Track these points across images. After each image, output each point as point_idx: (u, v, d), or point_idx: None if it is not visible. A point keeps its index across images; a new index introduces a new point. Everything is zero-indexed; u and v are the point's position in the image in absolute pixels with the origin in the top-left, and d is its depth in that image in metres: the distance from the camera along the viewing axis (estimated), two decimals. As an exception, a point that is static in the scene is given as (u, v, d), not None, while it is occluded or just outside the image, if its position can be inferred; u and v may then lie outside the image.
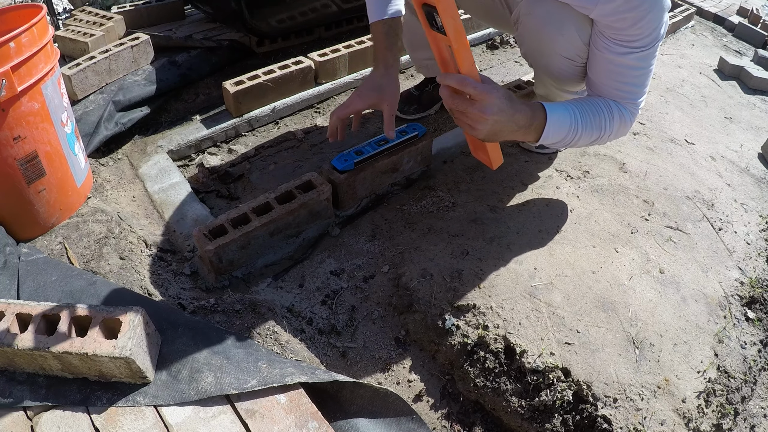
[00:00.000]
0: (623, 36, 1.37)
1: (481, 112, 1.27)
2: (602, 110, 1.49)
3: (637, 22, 1.32)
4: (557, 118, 1.41)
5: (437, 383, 1.39)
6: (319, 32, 2.80)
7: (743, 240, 1.85)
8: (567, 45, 1.50)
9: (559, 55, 1.54)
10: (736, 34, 4.01)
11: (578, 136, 1.47)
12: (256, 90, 2.23)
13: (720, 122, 2.60)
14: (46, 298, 1.31)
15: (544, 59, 1.62)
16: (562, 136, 1.45)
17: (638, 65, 1.43)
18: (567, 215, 1.75)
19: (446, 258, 1.55)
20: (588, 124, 1.46)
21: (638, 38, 1.36)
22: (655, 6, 1.30)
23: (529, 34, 1.58)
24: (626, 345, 1.38)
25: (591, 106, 1.49)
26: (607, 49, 1.43)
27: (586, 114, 1.47)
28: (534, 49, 1.63)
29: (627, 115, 1.52)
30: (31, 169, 1.49)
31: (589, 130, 1.47)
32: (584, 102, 1.50)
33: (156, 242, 1.68)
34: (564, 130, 1.44)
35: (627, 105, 1.51)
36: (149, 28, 2.65)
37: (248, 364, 1.17)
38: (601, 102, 1.51)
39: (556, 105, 1.45)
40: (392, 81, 1.60)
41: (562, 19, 1.44)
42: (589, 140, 1.52)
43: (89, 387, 1.13)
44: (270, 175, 2.04)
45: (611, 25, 1.37)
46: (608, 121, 1.49)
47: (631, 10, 1.30)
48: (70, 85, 2.03)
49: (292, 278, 1.56)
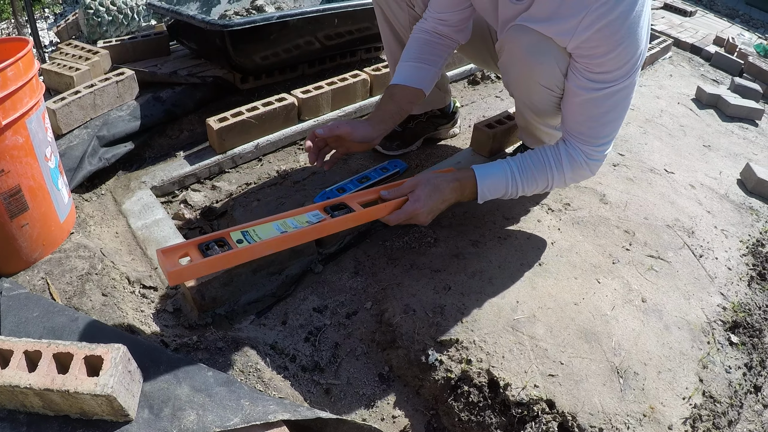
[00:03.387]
0: (594, 66, 1.41)
1: (418, 212, 1.52)
2: (547, 161, 1.59)
3: (608, 53, 1.35)
4: (490, 181, 1.60)
5: (422, 418, 1.38)
6: (303, 69, 2.83)
7: (724, 266, 1.87)
8: (546, 74, 1.53)
9: (538, 84, 1.58)
10: (713, 63, 4.10)
11: (519, 190, 1.62)
12: (240, 127, 2.24)
13: (699, 150, 2.64)
14: (27, 333, 1.29)
15: (524, 88, 1.66)
16: (500, 193, 1.62)
17: (604, 102, 1.46)
18: (548, 248, 1.76)
19: (429, 293, 1.56)
20: (528, 178, 1.61)
21: (609, 71, 1.39)
22: (629, 39, 1.33)
23: (511, 62, 1.62)
24: (610, 374, 1.39)
25: (533, 160, 1.60)
26: (576, 79, 1.47)
27: (527, 169, 1.60)
28: (515, 77, 1.67)
29: (580, 160, 1.57)
30: (14, 204, 1.48)
31: (531, 184, 1.61)
32: (527, 156, 1.62)
33: (139, 279, 1.67)
34: (500, 189, 1.61)
35: (584, 147, 1.56)
36: (134, 63, 2.66)
37: (231, 402, 1.16)
38: (549, 152, 1.60)
39: (491, 166, 1.62)
40: (364, 123, 1.72)
41: (543, 48, 1.47)
42: (535, 191, 1.66)
43: (71, 425, 1.11)
44: (253, 212, 2.04)
45: (583, 54, 1.41)
46: (555, 171, 1.59)
47: (604, 38, 1.33)
48: (54, 119, 2.03)
49: (275, 315, 1.56)
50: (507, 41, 1.57)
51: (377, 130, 1.72)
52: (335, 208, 1.53)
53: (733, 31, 5.30)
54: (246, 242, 1.36)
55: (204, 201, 2.10)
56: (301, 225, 1.45)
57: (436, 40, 1.80)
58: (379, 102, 1.81)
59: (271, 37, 2.44)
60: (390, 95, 1.78)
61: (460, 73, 3.20)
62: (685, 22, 5.13)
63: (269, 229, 1.43)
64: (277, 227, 1.43)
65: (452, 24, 1.77)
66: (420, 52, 1.79)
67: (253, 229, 1.42)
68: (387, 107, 1.76)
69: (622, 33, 1.31)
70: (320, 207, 1.54)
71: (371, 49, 3.09)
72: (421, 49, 1.80)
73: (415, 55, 1.79)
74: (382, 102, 1.79)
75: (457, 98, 2.70)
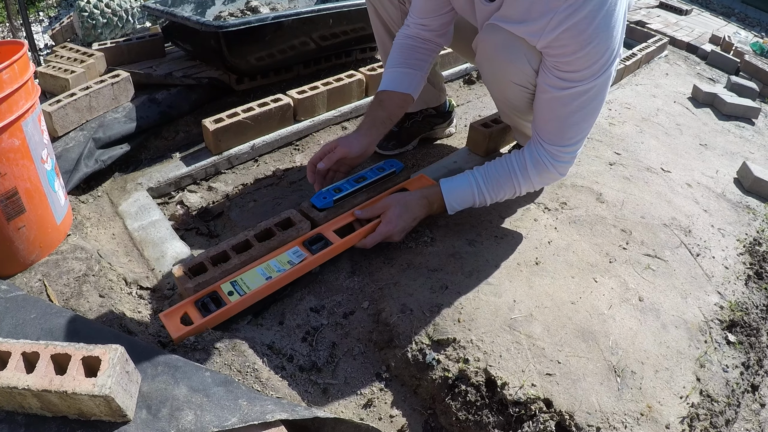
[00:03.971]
0: (562, 65, 1.42)
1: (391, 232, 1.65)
2: (511, 168, 1.64)
3: (576, 52, 1.37)
4: (456, 193, 1.68)
5: (419, 418, 1.38)
6: (298, 70, 2.83)
7: (721, 264, 1.87)
8: (518, 72, 1.55)
9: (511, 82, 1.60)
10: (709, 61, 4.10)
11: (488, 198, 1.69)
12: (236, 127, 2.24)
13: (695, 149, 2.64)
14: (25, 335, 1.29)
15: (498, 86, 1.70)
16: (468, 203, 1.71)
17: (572, 102, 1.47)
18: (545, 247, 1.76)
19: (426, 293, 1.56)
20: (494, 186, 1.67)
21: (576, 70, 1.41)
22: (597, 39, 1.34)
23: (484, 61, 1.65)
24: (608, 373, 1.39)
25: (498, 168, 1.66)
26: (545, 77, 1.49)
27: (491, 177, 1.66)
28: (489, 76, 1.71)
29: (546, 161, 1.59)
30: (11, 206, 1.48)
31: (497, 191, 1.68)
32: (492, 164, 1.67)
33: (136, 280, 1.67)
34: (468, 199, 1.69)
35: (551, 147, 1.57)
36: (130, 65, 2.65)
37: (228, 402, 1.15)
38: (514, 158, 1.64)
39: (457, 178, 1.71)
40: (356, 137, 1.77)
41: (514, 47, 1.50)
42: (504, 197, 1.72)
43: (69, 426, 1.10)
44: (250, 213, 2.04)
45: (552, 53, 1.42)
46: (520, 176, 1.64)
47: (572, 38, 1.34)
48: (50, 121, 2.03)
49: (272, 315, 1.56)
50: (480, 40, 1.61)
51: (370, 138, 1.77)
52: (313, 242, 1.64)
53: (729, 30, 5.31)
54: (236, 293, 1.48)
55: (200, 202, 2.10)
56: (284, 267, 1.56)
57: (419, 45, 1.83)
58: (369, 109, 1.83)
59: (266, 38, 2.44)
60: (379, 102, 1.81)
61: (456, 73, 3.20)
62: (680, 21, 5.14)
63: (255, 275, 1.53)
64: (262, 272, 1.54)
65: (434, 29, 1.80)
66: (405, 58, 1.82)
67: (240, 278, 1.52)
68: (377, 114, 1.80)
69: (590, 32, 1.32)
70: (299, 242, 1.64)
71: (366, 49, 3.09)
72: (405, 54, 1.83)
73: (400, 60, 1.82)
74: (372, 109, 1.82)
75: (452, 98, 2.71)
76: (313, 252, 1.60)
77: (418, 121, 2.34)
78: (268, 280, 1.51)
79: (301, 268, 1.57)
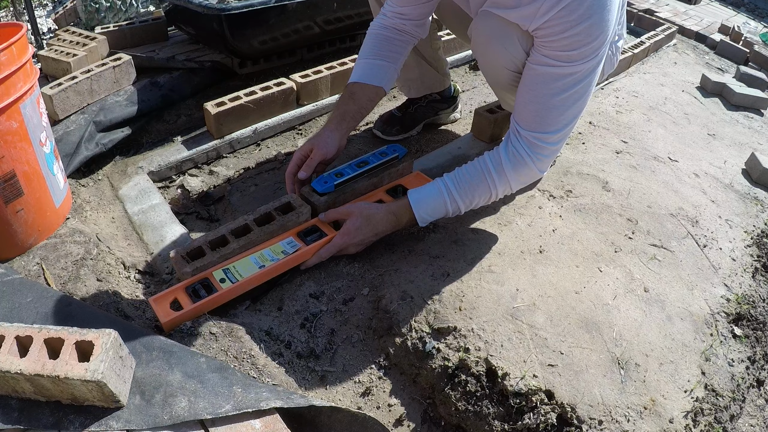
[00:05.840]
0: (549, 42, 1.40)
1: (347, 244, 1.59)
2: (485, 168, 1.57)
3: (564, 31, 1.34)
4: (426, 204, 1.59)
5: (418, 407, 1.36)
6: (302, 54, 2.81)
7: (728, 256, 1.85)
8: (512, 59, 1.54)
9: (505, 69, 1.59)
10: (718, 51, 4.06)
11: (461, 205, 1.60)
12: (238, 111, 2.22)
13: (703, 139, 2.61)
14: (20, 319, 1.28)
15: (492, 72, 1.69)
16: (441, 213, 1.61)
17: (554, 83, 1.44)
18: (549, 235, 1.74)
19: (427, 280, 1.53)
20: (466, 191, 1.58)
21: (563, 50, 1.38)
22: (588, 21, 1.32)
23: (478, 48, 1.64)
24: (611, 366, 1.37)
25: (470, 171, 1.59)
26: (532, 56, 1.47)
27: (463, 182, 1.58)
28: (484, 63, 1.70)
29: (523, 154, 1.54)
30: (8, 189, 1.47)
31: (470, 196, 1.60)
32: (464, 168, 1.60)
33: (134, 264, 1.65)
34: (439, 209, 1.60)
35: (529, 135, 1.52)
36: (132, 49, 2.64)
37: (223, 389, 1.14)
38: (488, 157, 1.58)
39: (426, 187, 1.62)
40: (329, 135, 1.72)
41: (506, 33, 1.48)
42: (479, 202, 1.63)
43: (62, 411, 1.10)
44: (250, 197, 2.02)
45: (542, 34, 1.40)
46: (495, 176, 1.57)
47: (561, 18, 1.33)
48: (51, 104, 2.02)
49: (271, 301, 1.54)
50: (474, 28, 1.59)
51: (341, 132, 1.74)
52: (308, 233, 1.62)
53: (738, 20, 5.25)
54: (228, 281, 1.46)
55: (201, 186, 2.09)
56: (277, 257, 1.54)
57: (394, 36, 1.81)
58: (339, 101, 1.80)
59: (270, 22, 2.43)
60: (350, 94, 1.78)
61: (461, 59, 3.18)
62: (689, 10, 5.08)
63: (248, 264, 1.52)
64: (255, 261, 1.52)
65: (413, 18, 1.78)
66: (379, 49, 1.80)
67: (233, 265, 1.51)
68: (348, 107, 1.76)
69: (580, 13, 1.30)
70: (294, 233, 1.62)
71: (371, 35, 3.06)
72: (379, 45, 1.80)
73: (373, 52, 1.80)
74: (342, 102, 1.79)
75: (458, 83, 2.68)
76: (308, 243, 1.59)
77: (423, 107, 2.32)
78: (261, 268, 1.50)
79: (294, 259, 1.56)
